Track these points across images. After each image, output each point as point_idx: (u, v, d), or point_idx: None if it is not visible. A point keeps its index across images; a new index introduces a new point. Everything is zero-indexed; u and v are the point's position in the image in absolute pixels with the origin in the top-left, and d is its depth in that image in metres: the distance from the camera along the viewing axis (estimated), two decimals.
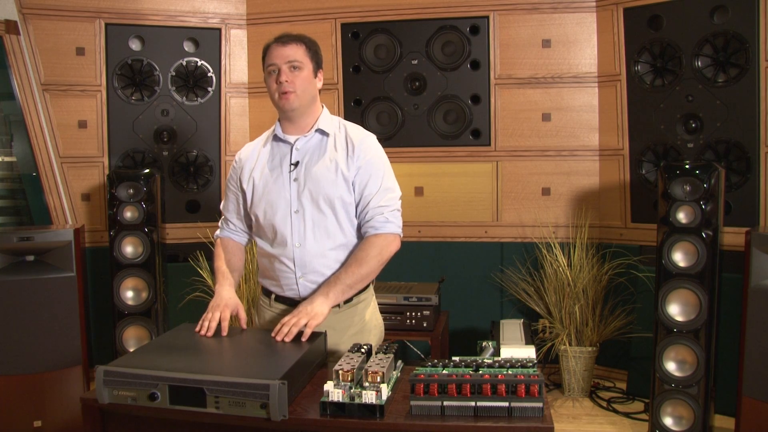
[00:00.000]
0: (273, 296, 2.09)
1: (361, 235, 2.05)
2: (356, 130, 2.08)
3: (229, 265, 2.11)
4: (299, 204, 1.99)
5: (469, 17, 3.85)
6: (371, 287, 2.14)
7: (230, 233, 2.19)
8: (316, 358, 1.80)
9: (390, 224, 2.00)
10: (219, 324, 1.90)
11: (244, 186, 2.08)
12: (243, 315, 1.97)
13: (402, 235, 2.05)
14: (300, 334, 1.81)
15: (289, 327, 1.81)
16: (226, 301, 1.96)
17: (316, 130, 2.05)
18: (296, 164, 2.02)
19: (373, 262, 1.98)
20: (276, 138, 2.08)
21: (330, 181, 1.99)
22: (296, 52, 1.99)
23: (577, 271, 3.63)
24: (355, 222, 2.04)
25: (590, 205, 3.84)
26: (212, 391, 1.49)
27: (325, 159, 2.01)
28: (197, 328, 1.89)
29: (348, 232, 2.02)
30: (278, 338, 1.80)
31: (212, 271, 2.24)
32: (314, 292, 1.97)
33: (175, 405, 1.52)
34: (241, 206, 2.13)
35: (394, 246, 2.02)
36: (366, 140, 2.04)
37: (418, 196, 3.98)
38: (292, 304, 2.03)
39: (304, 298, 1.98)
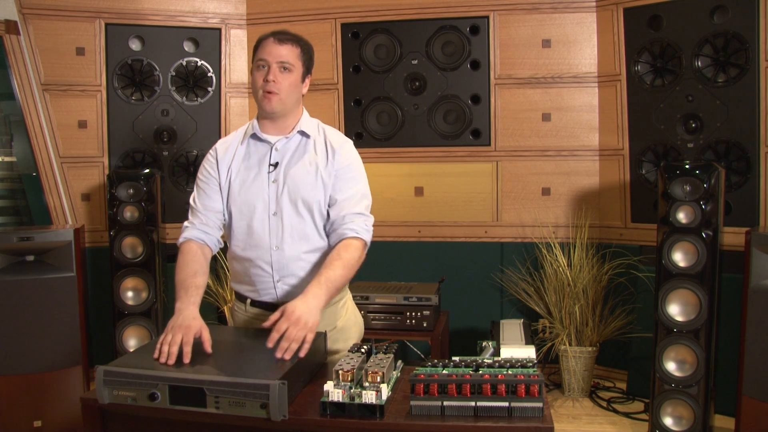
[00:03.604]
0: (248, 301, 2.04)
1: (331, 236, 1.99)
2: (336, 135, 2.04)
3: (196, 279, 1.89)
4: (277, 206, 1.95)
5: (469, 17, 3.85)
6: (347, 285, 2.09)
7: (201, 233, 1.99)
8: (315, 358, 1.80)
9: (368, 234, 1.96)
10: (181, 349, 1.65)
11: (222, 182, 2.00)
12: (207, 336, 1.71)
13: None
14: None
15: (288, 343, 1.66)
16: (189, 321, 1.72)
17: (299, 132, 2.00)
18: (276, 165, 1.97)
19: (355, 266, 1.92)
20: (254, 137, 2.01)
21: (309, 185, 1.95)
22: (290, 54, 1.93)
23: (577, 271, 3.63)
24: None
25: (590, 205, 3.84)
26: (212, 391, 1.49)
27: (304, 162, 1.97)
28: (155, 354, 1.64)
29: (322, 234, 1.99)
30: (278, 355, 1.63)
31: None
32: (296, 292, 1.88)
33: (175, 405, 1.52)
34: (220, 200, 2.01)
35: (364, 254, 1.96)
36: (345, 145, 2.02)
37: (418, 196, 3.98)
38: (268, 308, 1.98)
39: (282, 302, 1.91)
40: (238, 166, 2.00)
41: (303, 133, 2.00)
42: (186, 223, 2.02)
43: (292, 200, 1.95)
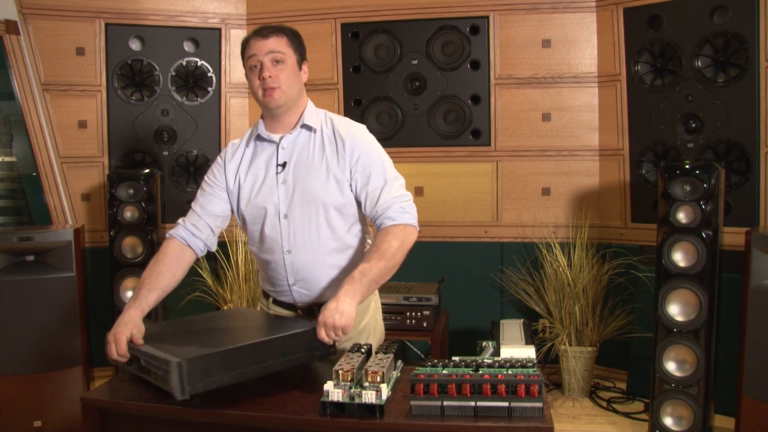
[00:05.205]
0: (271, 299, 2.04)
1: (360, 233, 1.98)
2: (344, 124, 1.94)
3: (157, 281, 1.83)
4: (288, 208, 1.88)
5: (469, 17, 3.85)
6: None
7: (188, 233, 1.92)
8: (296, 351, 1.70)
9: (407, 215, 1.88)
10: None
11: (230, 187, 1.95)
12: (137, 335, 1.66)
13: (418, 228, 1.93)
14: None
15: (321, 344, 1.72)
16: (119, 328, 1.66)
17: (302, 126, 1.92)
18: (284, 165, 1.90)
19: (398, 254, 1.82)
20: (259, 137, 1.94)
21: (320, 184, 1.87)
22: (278, 44, 1.86)
23: (577, 271, 3.63)
24: (349, 224, 1.93)
25: (590, 205, 3.84)
26: (147, 363, 1.58)
27: (314, 159, 1.89)
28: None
29: (341, 235, 1.92)
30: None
31: (213, 271, 2.02)
32: (314, 296, 1.92)
33: (142, 373, 1.63)
34: (223, 204, 1.96)
35: (413, 236, 1.89)
36: (356, 135, 1.91)
37: (418, 196, 3.98)
38: (288, 308, 1.99)
39: (300, 303, 1.95)
40: (246, 169, 1.93)
41: (307, 127, 1.92)
42: (179, 221, 1.96)
43: (303, 201, 1.87)
